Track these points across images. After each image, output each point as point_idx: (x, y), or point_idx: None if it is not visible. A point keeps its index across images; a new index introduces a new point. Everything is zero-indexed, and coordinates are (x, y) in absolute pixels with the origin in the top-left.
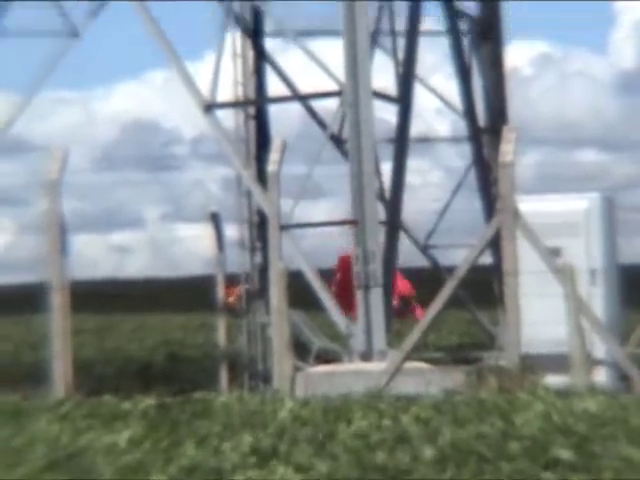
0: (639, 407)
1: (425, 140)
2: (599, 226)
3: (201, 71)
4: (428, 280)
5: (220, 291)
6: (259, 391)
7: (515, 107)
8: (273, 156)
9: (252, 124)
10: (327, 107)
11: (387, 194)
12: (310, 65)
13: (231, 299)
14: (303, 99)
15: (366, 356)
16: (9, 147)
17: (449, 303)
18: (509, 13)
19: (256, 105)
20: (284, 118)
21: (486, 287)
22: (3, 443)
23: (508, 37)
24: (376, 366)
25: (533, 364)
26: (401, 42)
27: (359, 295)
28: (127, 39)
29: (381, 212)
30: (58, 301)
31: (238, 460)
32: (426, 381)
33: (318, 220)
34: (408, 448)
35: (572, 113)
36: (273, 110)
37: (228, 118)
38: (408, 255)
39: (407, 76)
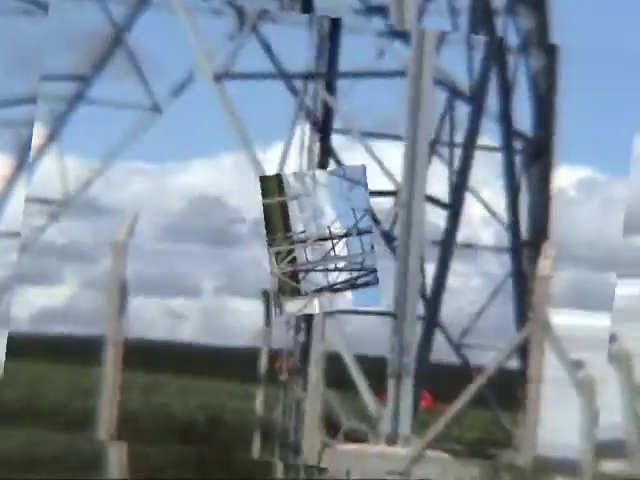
0: None
1: (469, 246)
2: None
3: (269, 157)
4: (457, 377)
5: (262, 364)
6: (287, 460)
7: (557, 226)
8: None
9: None
10: (382, 205)
11: (428, 292)
12: (371, 163)
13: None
14: None
15: (391, 440)
16: (83, 209)
17: (474, 400)
18: (563, 137)
19: None
20: None
21: (510, 389)
22: None
23: (558, 160)
24: (399, 451)
25: (546, 466)
26: (458, 153)
27: (390, 383)
28: (204, 119)
29: (420, 308)
30: (111, 355)
31: None
32: (444, 470)
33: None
34: None
35: (611, 237)
36: None
37: None
38: (441, 351)
39: (460, 185)
